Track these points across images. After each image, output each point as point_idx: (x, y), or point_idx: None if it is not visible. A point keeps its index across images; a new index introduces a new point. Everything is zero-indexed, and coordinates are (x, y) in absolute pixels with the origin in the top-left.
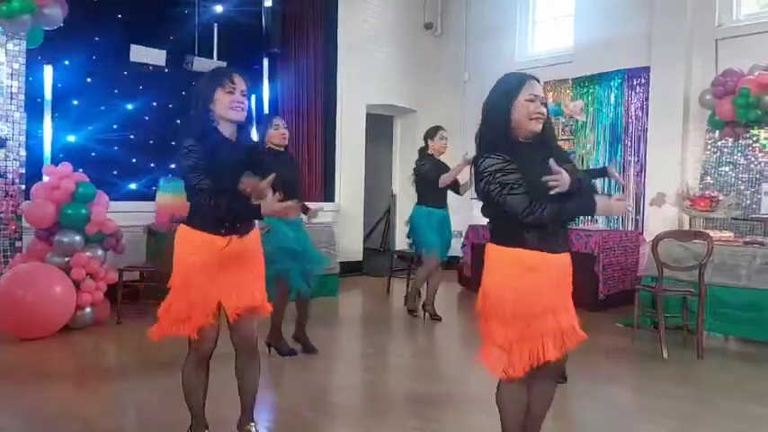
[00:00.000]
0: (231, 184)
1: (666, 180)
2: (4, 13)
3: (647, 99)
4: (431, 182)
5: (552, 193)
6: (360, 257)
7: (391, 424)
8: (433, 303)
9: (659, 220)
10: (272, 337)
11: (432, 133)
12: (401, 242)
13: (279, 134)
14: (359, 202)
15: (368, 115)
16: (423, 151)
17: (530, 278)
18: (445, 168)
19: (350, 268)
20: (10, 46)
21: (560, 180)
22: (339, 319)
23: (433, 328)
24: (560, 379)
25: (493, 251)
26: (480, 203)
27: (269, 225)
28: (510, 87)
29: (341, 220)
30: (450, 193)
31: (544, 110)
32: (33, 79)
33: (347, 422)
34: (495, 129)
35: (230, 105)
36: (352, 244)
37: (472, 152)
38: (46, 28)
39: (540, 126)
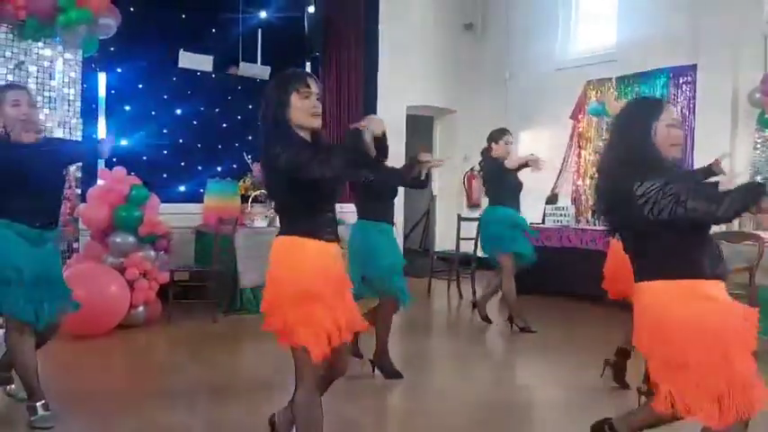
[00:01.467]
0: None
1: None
2: (62, 24)
3: (693, 97)
4: (503, 180)
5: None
6: None
7: (446, 426)
8: (485, 305)
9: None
10: (378, 355)
11: (497, 136)
12: (441, 243)
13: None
14: (398, 203)
15: (408, 116)
16: (486, 152)
17: (711, 307)
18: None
19: None
20: (67, 55)
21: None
22: None
23: (479, 329)
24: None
25: (659, 289)
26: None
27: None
28: (650, 111)
29: None
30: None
31: (683, 136)
32: (88, 86)
33: (400, 423)
34: (637, 154)
35: (309, 112)
36: None
37: None
38: (100, 37)
39: (680, 153)
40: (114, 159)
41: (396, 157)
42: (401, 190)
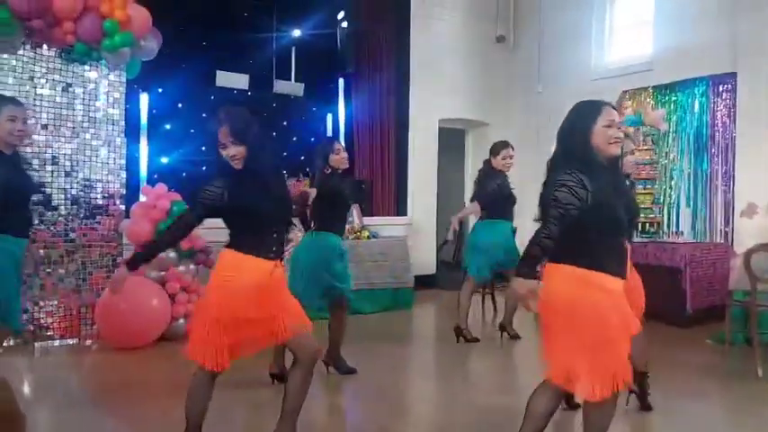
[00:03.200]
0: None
1: (757, 189)
2: (107, 48)
3: (734, 106)
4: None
5: None
6: (433, 271)
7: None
8: (511, 322)
9: (750, 231)
10: (330, 355)
11: (495, 150)
12: None
13: (340, 158)
14: (431, 216)
15: (440, 129)
16: (487, 164)
17: (604, 297)
18: (507, 187)
19: (423, 282)
20: (111, 77)
21: None
22: (413, 332)
23: (511, 343)
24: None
25: (565, 274)
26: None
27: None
28: (588, 114)
29: (413, 234)
30: (521, 209)
31: (622, 134)
32: (131, 106)
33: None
34: (574, 152)
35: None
36: (425, 258)
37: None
38: (143, 59)
39: (619, 150)
40: (155, 176)
41: (428, 171)
42: (432, 202)
